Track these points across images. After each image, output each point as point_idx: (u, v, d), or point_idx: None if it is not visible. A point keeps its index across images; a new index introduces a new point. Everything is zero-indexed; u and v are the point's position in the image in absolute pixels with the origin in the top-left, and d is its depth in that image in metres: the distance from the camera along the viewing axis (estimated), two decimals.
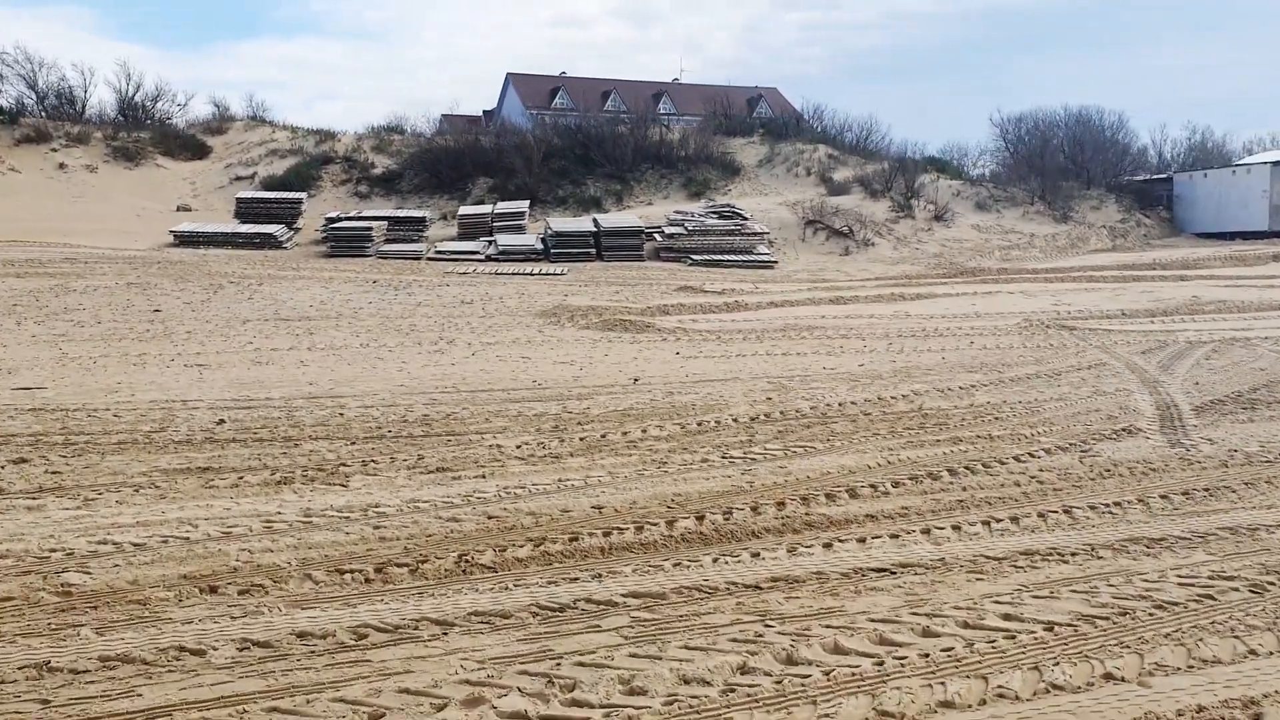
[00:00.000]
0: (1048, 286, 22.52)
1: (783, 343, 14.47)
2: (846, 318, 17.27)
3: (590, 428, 8.30)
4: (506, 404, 9.52)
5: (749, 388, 10.51)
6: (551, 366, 12.26)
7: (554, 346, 14.14)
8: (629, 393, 10.31)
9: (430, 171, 37.35)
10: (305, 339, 14.63)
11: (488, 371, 11.78)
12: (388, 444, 7.66)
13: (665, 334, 15.51)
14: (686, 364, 12.47)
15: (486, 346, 14.02)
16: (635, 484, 6.37)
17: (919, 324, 16.46)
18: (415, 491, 6.21)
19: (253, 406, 9.27)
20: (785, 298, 19.84)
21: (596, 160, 36.91)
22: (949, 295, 20.31)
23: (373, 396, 9.93)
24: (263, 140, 41.28)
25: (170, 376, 11.22)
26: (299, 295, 20.33)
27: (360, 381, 10.92)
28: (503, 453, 7.34)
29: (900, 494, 6.22)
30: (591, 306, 18.44)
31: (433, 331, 15.66)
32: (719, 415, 8.85)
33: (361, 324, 16.51)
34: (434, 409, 9.20)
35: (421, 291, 21.34)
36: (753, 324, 16.61)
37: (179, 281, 21.66)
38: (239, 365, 12.11)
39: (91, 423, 8.37)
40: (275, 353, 13.22)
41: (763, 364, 12.44)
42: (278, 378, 11.19)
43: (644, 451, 7.41)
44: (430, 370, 11.82)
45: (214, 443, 7.67)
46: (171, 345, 13.83)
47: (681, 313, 18.10)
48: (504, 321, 17.03)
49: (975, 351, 13.48)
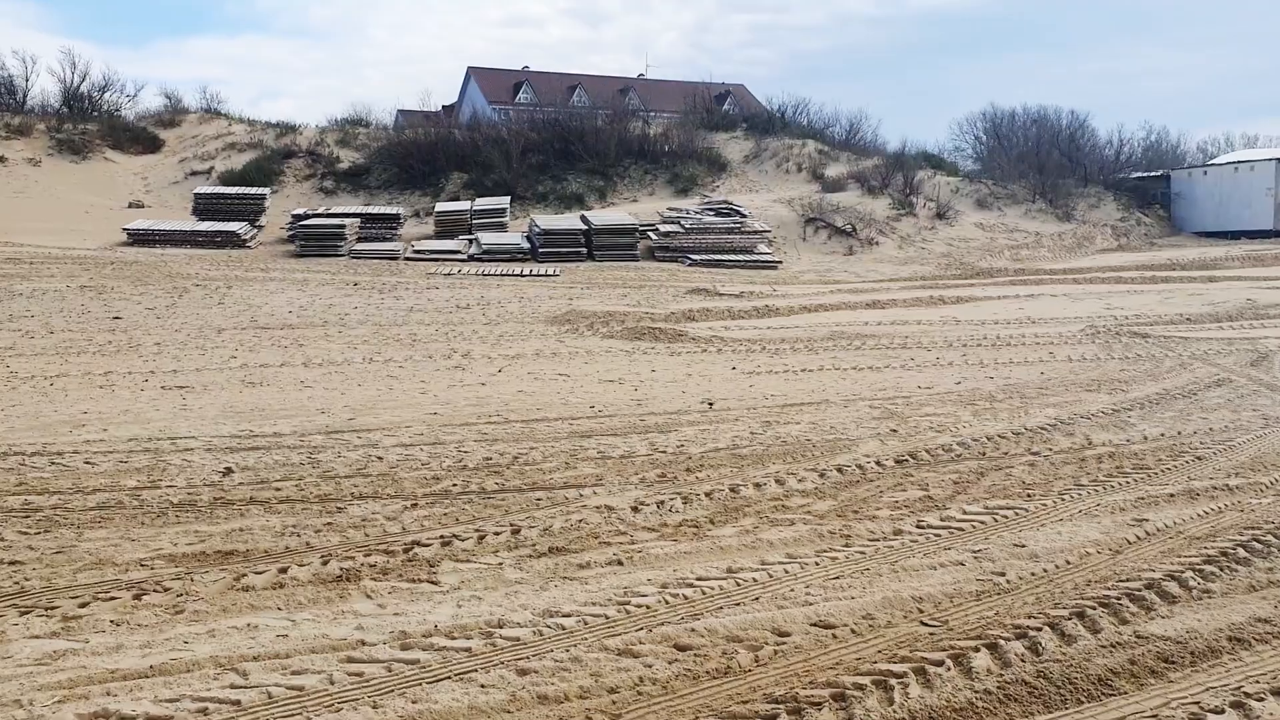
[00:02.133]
0: (1083, 288, 21.00)
1: (842, 355, 12.73)
2: (893, 324, 15.57)
3: (706, 477, 6.49)
4: (577, 439, 7.68)
5: (855, 415, 8.75)
6: (599, 386, 10.42)
7: (587, 360, 12.29)
8: (713, 420, 8.51)
9: (400, 166, 35.24)
10: (296, 352, 12.66)
11: (528, 393, 9.91)
12: (460, 505, 5.79)
13: (703, 344, 13.71)
14: (753, 382, 10.69)
15: (510, 361, 12.15)
16: (841, 579, 4.56)
17: (976, 331, 14.82)
18: (540, 593, 4.37)
19: (261, 445, 7.35)
20: (813, 301, 18.12)
21: (578, 155, 34.99)
22: (988, 299, 18.71)
23: (406, 430, 8.04)
24: (219, 134, 38.91)
25: (147, 402, 9.23)
26: (274, 300, 18.30)
27: (382, 408, 9.01)
28: (620, 519, 5.51)
29: (1228, 594, 4.44)
30: (608, 312, 16.60)
31: (439, 342, 13.74)
32: (854, 456, 7.07)
33: (354, 333, 14.55)
34: (492, 448, 7.33)
35: (409, 295, 19.37)
36: (793, 332, 14.86)
37: (137, 284, 19.52)
38: (228, 387, 10.13)
39: (58, 475, 6.41)
40: (266, 370, 11.25)
41: (842, 381, 10.68)
42: (279, 403, 9.24)
43: (804, 517, 5.61)
44: (459, 393, 9.93)
45: (227, 505, 5.76)
46: (141, 360, 11.80)
47: (708, 318, 16.31)
48: (514, 330, 15.14)
49: (1068, 364, 11.83)
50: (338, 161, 36.11)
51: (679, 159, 35.94)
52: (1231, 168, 35.75)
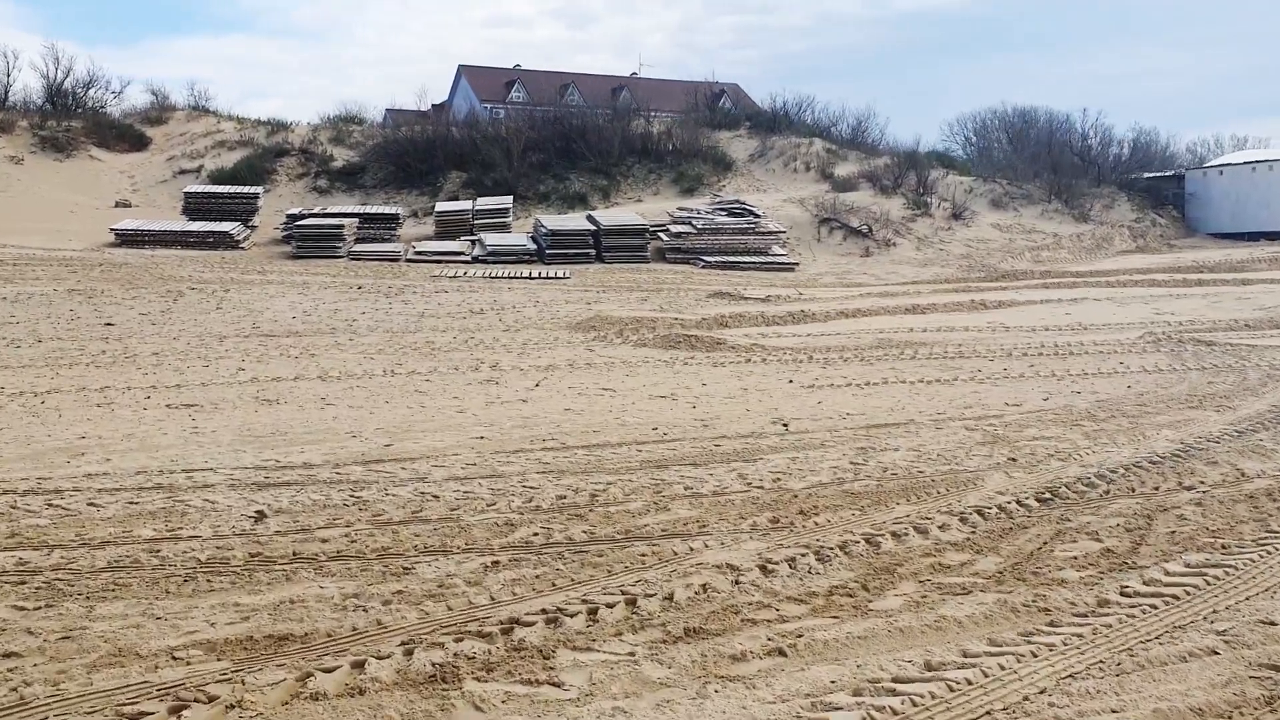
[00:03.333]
0: (1121, 292, 20.10)
1: (901, 365, 11.76)
2: (940, 331, 14.62)
3: (827, 522, 5.51)
4: (653, 471, 6.68)
5: (955, 439, 7.77)
6: (651, 403, 9.41)
7: (627, 372, 11.28)
8: (798, 446, 7.52)
9: (396, 165, 34.11)
10: (308, 363, 11.61)
11: (577, 412, 8.90)
12: (550, 563, 4.79)
13: (744, 353, 12.72)
14: (819, 398, 9.70)
15: (544, 373, 11.13)
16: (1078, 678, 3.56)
17: (1031, 339, 13.87)
18: (701, 704, 3.36)
19: (293, 480, 6.32)
20: (848, 306, 17.15)
21: (580, 153, 33.94)
22: (1030, 303, 17.77)
23: (454, 458, 7.02)
24: (208, 131, 37.71)
25: (153, 424, 8.18)
26: (275, 304, 17.23)
27: (420, 431, 7.98)
28: (754, 585, 4.52)
29: None
30: (635, 318, 15.59)
31: (461, 351, 12.72)
32: (986, 494, 6.09)
33: (366, 341, 13.51)
34: (561, 483, 6.32)
35: (418, 299, 18.32)
36: (837, 340, 13.88)
37: (129, 287, 18.42)
38: (240, 405, 9.09)
39: (58, 522, 5.37)
40: (280, 385, 10.20)
41: (916, 397, 9.71)
42: (302, 425, 8.21)
43: (975, 580, 4.62)
44: (501, 411, 8.91)
45: (267, 564, 4.74)
46: (140, 373, 10.74)
47: (741, 325, 15.31)
48: (538, 337, 14.12)
49: (1147, 376, 10.88)
50: (331, 160, 34.99)
51: (684, 158, 34.93)
52: (1249, 167, 34.94)
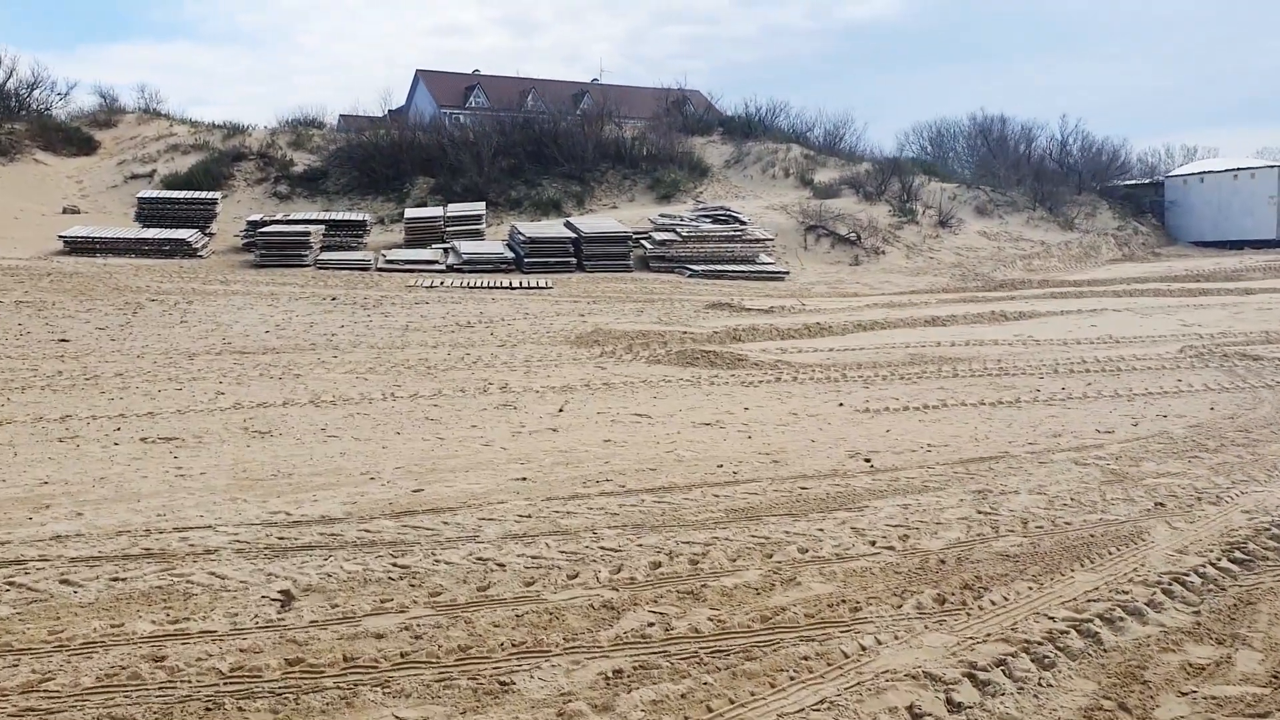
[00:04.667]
0: (1133, 302, 19.29)
1: (948, 385, 10.73)
2: (969, 345, 13.63)
3: (1003, 601, 4.42)
4: (745, 522, 5.56)
5: (1074, 478, 6.72)
6: (699, 432, 8.28)
7: (655, 394, 10.14)
8: (896, 489, 6.43)
9: (360, 170, 32.71)
10: (294, 385, 10.34)
11: (618, 444, 7.75)
12: (691, 672, 3.65)
13: (770, 370, 11.63)
14: (885, 425, 8.63)
15: (560, 395, 9.96)
16: None
17: (1069, 353, 12.92)
18: None
19: (313, 542, 5.12)
20: (862, 318, 16.11)
21: (552, 158, 32.75)
22: (1049, 314, 16.85)
23: (500, 507, 5.84)
24: (160, 134, 36.08)
25: (127, 464, 6.92)
26: (245, 317, 15.90)
27: (447, 470, 6.79)
28: (983, 711, 3.40)
29: None
30: (640, 332, 14.45)
31: (461, 370, 11.51)
32: (1167, 554, 5.04)
33: (352, 359, 12.26)
34: (642, 541, 5.18)
35: (399, 311, 17.05)
36: (864, 355, 12.83)
37: (82, 299, 16.99)
38: (228, 438, 7.83)
39: (24, 612, 4.14)
40: (269, 411, 8.93)
41: (989, 422, 8.67)
42: (306, 464, 6.98)
43: (1251, 690, 3.55)
44: (531, 444, 7.73)
45: (313, 677, 3.54)
46: (104, 398, 9.43)
47: (755, 338, 14.22)
48: (539, 353, 12.94)
49: (1220, 396, 9.95)
50: (292, 165, 33.52)
51: (659, 163, 33.86)
52: (1231, 175, 34.51)
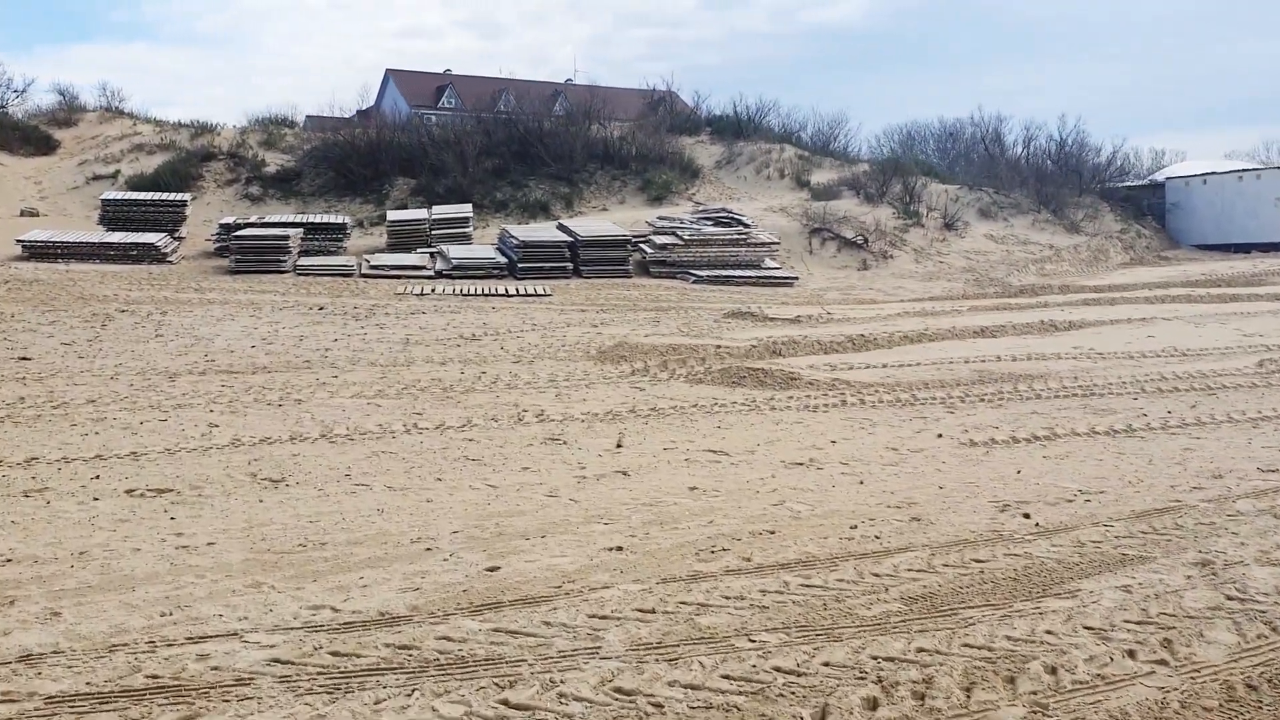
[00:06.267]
0: (1172, 309, 18.19)
1: (1041, 408, 9.49)
2: (1030, 359, 12.41)
3: None
4: (939, 618, 4.29)
5: None
6: (795, 475, 6.98)
7: (718, 423, 8.82)
8: (1086, 558, 5.17)
9: (336, 170, 31.22)
10: (297, 414, 8.93)
11: (706, 493, 6.43)
12: None
13: (834, 392, 10.34)
14: (1010, 463, 7.36)
15: (604, 421, 8.62)
16: None
17: (1143, 368, 11.73)
18: None
19: (382, 663, 3.77)
20: (901, 328, 14.86)
21: (539, 158, 31.38)
22: (1099, 324, 15.68)
23: (608, 595, 4.52)
24: (123, 134, 34.39)
25: (113, 529, 5.51)
26: (226, 329, 14.44)
27: (520, 536, 5.44)
28: None
29: None
30: (669, 346, 13.12)
31: (483, 393, 10.14)
32: None
33: (355, 379, 10.86)
34: (819, 653, 3.87)
35: (394, 322, 15.64)
36: (924, 371, 11.57)
37: (44, 309, 15.47)
38: (235, 490, 6.43)
39: None
40: (273, 450, 7.53)
41: (1126, 460, 7.43)
42: (339, 528, 5.60)
43: None
44: (605, 495, 6.39)
45: None
46: (76, 433, 7.99)
47: (797, 353, 12.92)
48: (564, 371, 11.59)
49: None
50: (264, 165, 31.97)
51: (649, 164, 32.56)
52: (1235, 176, 33.64)
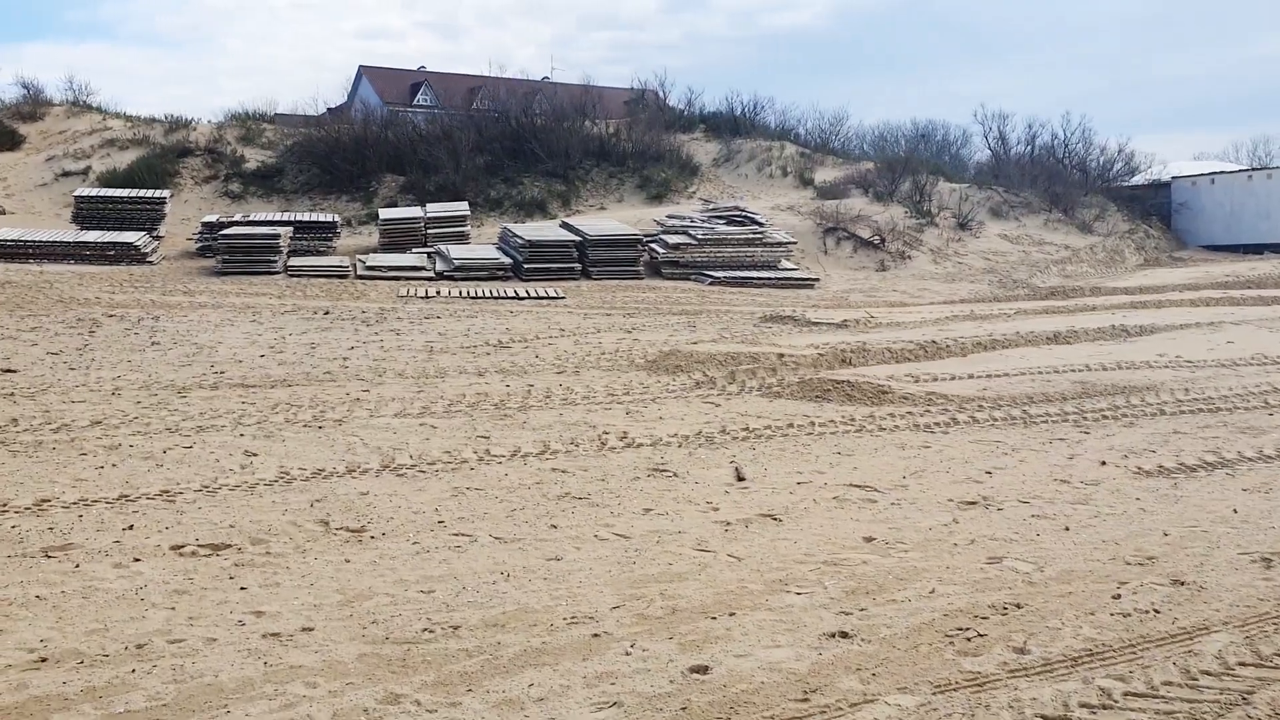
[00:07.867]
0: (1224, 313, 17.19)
1: (1179, 427, 8.38)
2: (1120, 368, 11.29)
3: None
4: None
5: None
6: (978, 520, 5.79)
7: (838, 450, 7.62)
8: None
9: (321, 167, 29.78)
10: (342, 438, 7.64)
11: (890, 545, 5.23)
12: None
13: (937, 408, 9.16)
14: (1209, 501, 6.22)
15: (702, 447, 7.39)
16: None
17: (1249, 379, 10.64)
18: None
19: None
20: (966, 333, 13.72)
21: (534, 155, 30.09)
22: (1169, 329, 14.63)
23: (870, 714, 3.29)
24: (93, 129, 32.69)
25: (174, 610, 4.23)
26: (228, 336, 13.10)
27: (697, 612, 4.23)
28: None
29: None
30: (727, 355, 11.89)
31: (541, 410, 8.88)
32: None
33: (389, 394, 9.57)
34: None
35: (409, 328, 14.34)
36: (1024, 385, 10.37)
37: (22, 314, 14.05)
38: (308, 545, 5.15)
39: None
40: (334, 486, 6.24)
41: None
42: (461, 598, 4.36)
43: None
44: (770, 549, 5.17)
45: None
46: (90, 465, 6.65)
47: (867, 362, 11.75)
48: (619, 384, 10.33)
49: None
50: (244, 161, 30.47)
51: (646, 161, 31.36)
52: (1245, 176, 32.89)
